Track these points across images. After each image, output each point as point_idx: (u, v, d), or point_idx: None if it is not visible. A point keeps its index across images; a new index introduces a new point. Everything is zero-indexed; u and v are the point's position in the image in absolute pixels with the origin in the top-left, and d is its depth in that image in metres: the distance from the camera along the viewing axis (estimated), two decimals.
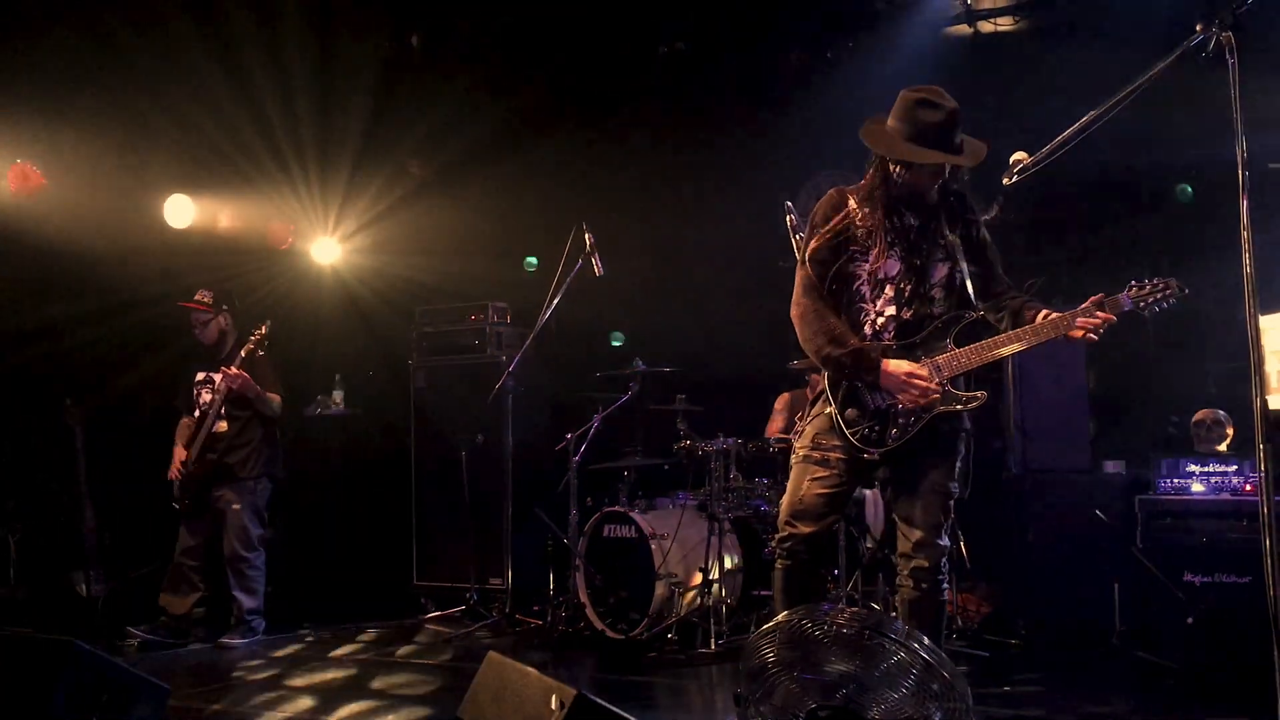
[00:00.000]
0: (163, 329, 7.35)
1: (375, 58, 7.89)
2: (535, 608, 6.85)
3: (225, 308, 6.69)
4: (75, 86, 6.97)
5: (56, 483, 6.85)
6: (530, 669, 3.35)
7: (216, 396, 6.45)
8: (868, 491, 6.06)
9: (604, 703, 3.06)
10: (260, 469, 6.61)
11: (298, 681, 5.51)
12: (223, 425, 6.50)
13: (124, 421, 7.53)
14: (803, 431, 4.03)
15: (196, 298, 6.64)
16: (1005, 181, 3.75)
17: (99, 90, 7.03)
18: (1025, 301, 3.83)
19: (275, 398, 6.61)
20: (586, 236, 6.22)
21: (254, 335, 6.48)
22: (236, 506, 6.47)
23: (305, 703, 5.04)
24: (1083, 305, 3.63)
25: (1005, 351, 3.74)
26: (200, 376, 6.65)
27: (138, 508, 7.22)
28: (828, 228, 3.86)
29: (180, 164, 7.73)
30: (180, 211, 7.72)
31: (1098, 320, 3.61)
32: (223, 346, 6.67)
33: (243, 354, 6.43)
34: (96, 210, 7.30)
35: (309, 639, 6.63)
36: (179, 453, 6.59)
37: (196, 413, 6.60)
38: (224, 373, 6.37)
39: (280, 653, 6.26)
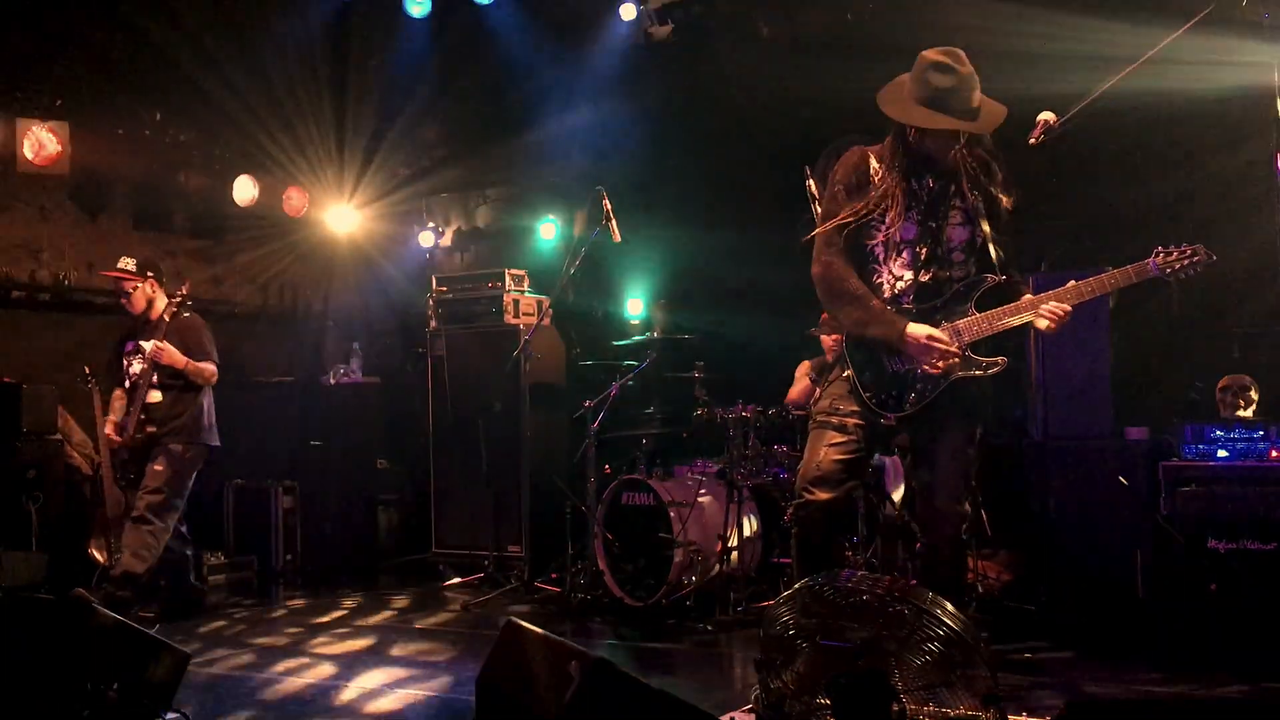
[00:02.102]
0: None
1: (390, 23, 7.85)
2: (553, 575, 6.85)
3: (150, 275, 6.32)
4: (98, 58, 6.97)
5: (79, 450, 6.87)
6: (549, 635, 3.33)
7: (147, 367, 6.14)
8: (887, 459, 6.02)
9: (624, 669, 3.04)
10: (193, 438, 6.26)
11: (317, 647, 5.54)
12: (155, 395, 6.19)
13: None
14: (820, 397, 3.99)
15: (120, 265, 6.26)
16: (1031, 142, 3.70)
17: (120, 60, 7.02)
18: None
19: (207, 367, 6.22)
20: (604, 202, 6.16)
21: (175, 298, 6.23)
22: (159, 467, 6.11)
23: (325, 669, 5.07)
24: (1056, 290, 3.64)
25: (1014, 321, 3.70)
26: (129, 347, 6.33)
27: None
28: (850, 188, 3.81)
29: (197, 133, 7.70)
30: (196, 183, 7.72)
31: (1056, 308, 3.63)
32: (150, 314, 6.31)
33: (166, 318, 6.18)
34: (115, 179, 7.31)
35: (328, 606, 6.66)
36: (110, 424, 6.28)
37: (127, 384, 6.30)
38: (151, 347, 6.09)
39: (300, 619, 6.30)
